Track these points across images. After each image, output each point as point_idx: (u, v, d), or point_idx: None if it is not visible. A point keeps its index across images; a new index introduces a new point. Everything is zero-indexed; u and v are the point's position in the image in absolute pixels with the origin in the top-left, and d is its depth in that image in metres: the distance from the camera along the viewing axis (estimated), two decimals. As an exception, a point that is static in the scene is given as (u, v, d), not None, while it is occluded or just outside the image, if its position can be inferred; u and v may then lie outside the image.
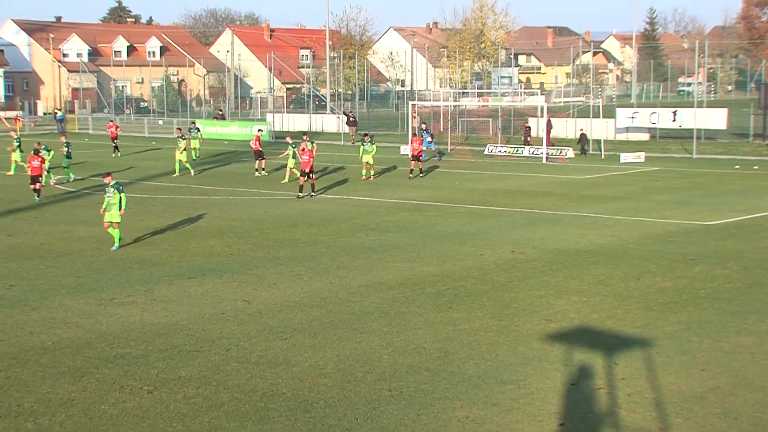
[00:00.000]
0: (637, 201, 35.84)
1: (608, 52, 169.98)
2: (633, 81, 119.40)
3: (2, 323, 18.26)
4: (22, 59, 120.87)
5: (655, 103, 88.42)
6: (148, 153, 60.80)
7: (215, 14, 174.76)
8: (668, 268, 23.18)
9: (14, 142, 45.96)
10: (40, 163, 36.20)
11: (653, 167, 48.88)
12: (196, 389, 14.40)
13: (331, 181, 42.60)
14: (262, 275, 22.58)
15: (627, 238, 27.62)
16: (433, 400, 13.91)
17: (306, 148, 37.90)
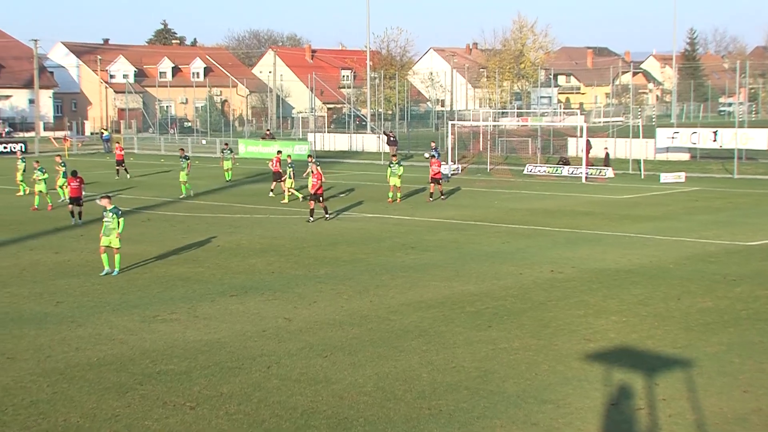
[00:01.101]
0: (678, 221, 35.53)
1: (648, 72, 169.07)
2: (673, 101, 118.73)
3: (50, 339, 18.40)
4: (70, 80, 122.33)
5: (695, 123, 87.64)
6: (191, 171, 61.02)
7: (258, 35, 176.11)
8: (709, 289, 22.93)
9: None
10: (79, 184, 35.22)
11: (693, 187, 48.47)
12: (237, 406, 14.41)
13: (371, 200, 42.59)
14: (302, 293, 22.59)
15: (667, 258, 27.38)
16: (472, 419, 13.82)
17: (314, 171, 36.77)
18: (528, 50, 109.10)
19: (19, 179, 45.16)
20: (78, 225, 34.48)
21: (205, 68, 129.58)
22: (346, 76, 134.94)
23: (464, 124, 77.78)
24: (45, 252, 28.72)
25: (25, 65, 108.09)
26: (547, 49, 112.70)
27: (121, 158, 57.13)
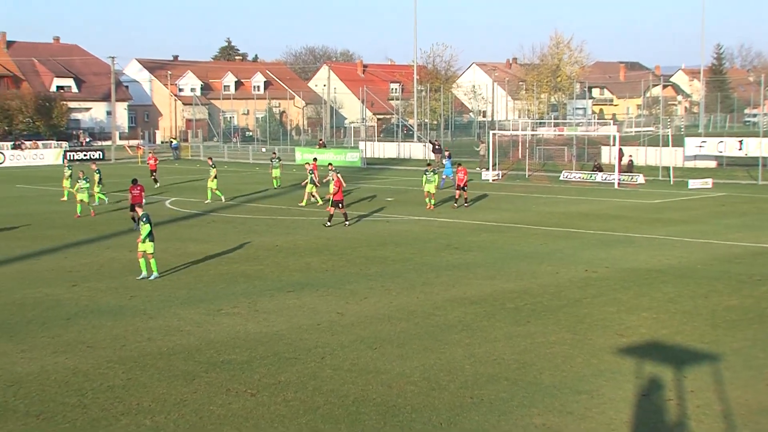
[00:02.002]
0: (705, 224, 35.13)
1: (677, 85, 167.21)
2: (701, 112, 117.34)
3: (125, 330, 18.60)
4: (143, 94, 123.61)
5: (721, 133, 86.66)
6: (251, 177, 61.47)
7: (314, 52, 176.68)
8: (735, 288, 22.66)
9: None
10: (140, 191, 33.62)
11: (720, 193, 47.87)
12: (294, 393, 14.47)
13: (417, 204, 42.54)
14: (354, 290, 22.63)
15: (695, 258, 27.08)
16: (511, 408, 13.77)
17: (334, 178, 35.68)
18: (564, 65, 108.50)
19: (65, 185, 44.87)
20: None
21: (265, 82, 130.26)
22: (394, 89, 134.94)
23: (504, 133, 77.43)
24: (120, 250, 29.01)
25: (103, 80, 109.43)
26: (582, 64, 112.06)
27: (154, 168, 55.05)
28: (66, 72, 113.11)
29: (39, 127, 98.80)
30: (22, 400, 14.24)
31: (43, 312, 20.27)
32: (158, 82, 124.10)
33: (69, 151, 79.86)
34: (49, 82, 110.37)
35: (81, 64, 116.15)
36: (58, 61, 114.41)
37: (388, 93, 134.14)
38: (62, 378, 15.33)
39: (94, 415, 13.54)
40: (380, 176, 60.87)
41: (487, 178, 57.43)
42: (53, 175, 59.59)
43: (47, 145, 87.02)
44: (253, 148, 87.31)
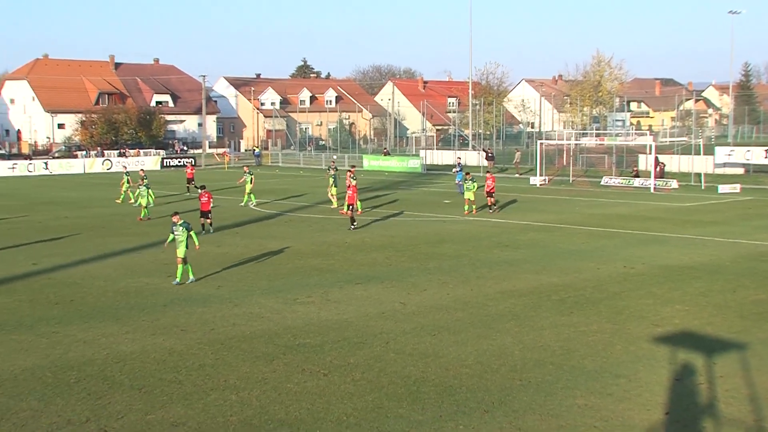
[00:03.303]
0: (733, 226, 34.43)
1: (708, 99, 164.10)
2: (730, 124, 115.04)
3: (213, 316, 18.82)
4: (229, 107, 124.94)
5: (749, 143, 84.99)
6: (324, 181, 61.58)
7: (379, 69, 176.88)
8: (761, 284, 22.18)
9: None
10: (208, 199, 32.28)
11: (747, 197, 46.88)
12: (361, 374, 14.51)
13: (480, 204, 42.35)
14: (415, 282, 22.62)
15: (724, 256, 26.56)
16: (556, 389, 13.66)
17: (350, 184, 34.81)
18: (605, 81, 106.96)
19: (123, 189, 44.71)
20: (209, 233, 31.79)
21: (336, 97, 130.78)
22: (452, 103, 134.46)
23: (550, 142, 76.58)
24: (209, 245, 29.26)
25: (195, 96, 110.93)
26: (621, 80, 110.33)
27: (192, 176, 52.12)
28: (164, 89, 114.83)
29: (141, 137, 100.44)
30: (127, 375, 14.51)
31: (143, 299, 20.61)
32: (243, 97, 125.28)
33: (120, 157, 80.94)
34: (149, 98, 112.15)
35: (177, 82, 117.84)
36: (158, 80, 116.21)
37: (446, 106, 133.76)
38: (160, 357, 15.58)
39: (188, 389, 13.74)
40: (438, 181, 60.71)
41: (535, 182, 56.99)
42: (152, 180, 60.49)
43: (147, 153, 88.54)
44: (326, 155, 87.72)
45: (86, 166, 74.93)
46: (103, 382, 14.11)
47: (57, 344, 16.47)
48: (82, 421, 12.38)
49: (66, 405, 13.05)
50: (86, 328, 17.72)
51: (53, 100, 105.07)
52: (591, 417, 12.49)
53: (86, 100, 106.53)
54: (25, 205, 44.61)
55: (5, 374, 14.58)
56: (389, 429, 12.05)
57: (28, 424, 12.30)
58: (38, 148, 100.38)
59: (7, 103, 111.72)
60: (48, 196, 49.77)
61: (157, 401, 13.19)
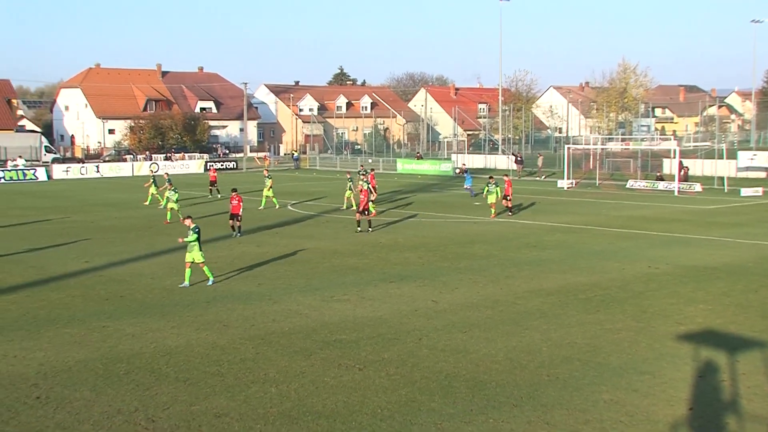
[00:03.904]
0: (755, 227, 33.97)
1: (731, 105, 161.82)
2: (752, 129, 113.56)
3: (254, 312, 18.92)
4: (270, 113, 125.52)
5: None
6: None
7: (413, 77, 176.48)
8: (783, 284, 21.87)
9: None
10: (238, 202, 31.33)
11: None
12: (395, 369, 14.51)
13: (501, 208, 42.19)
14: (446, 281, 22.57)
15: (746, 257, 26.22)
16: (583, 385, 13.57)
17: (362, 188, 33.95)
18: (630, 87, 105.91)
19: (151, 192, 44.57)
20: (237, 237, 31.18)
21: (372, 103, 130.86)
22: (482, 109, 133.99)
23: (577, 147, 75.94)
24: (250, 245, 29.51)
25: (237, 102, 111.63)
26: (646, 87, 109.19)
27: (215, 179, 50.68)
28: (207, 96, 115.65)
29: (186, 141, 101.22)
30: (173, 367, 14.63)
31: (187, 296, 20.77)
32: (282, 103, 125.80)
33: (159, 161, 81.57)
34: (194, 104, 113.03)
35: (220, 89, 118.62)
36: (202, 87, 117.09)
37: (477, 112, 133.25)
38: (203, 351, 15.69)
39: (230, 382, 13.82)
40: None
41: (562, 186, 56.63)
42: (196, 182, 61.12)
43: (192, 157, 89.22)
44: (362, 159, 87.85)
45: (134, 169, 75.68)
46: (151, 374, 14.25)
47: (107, 338, 16.66)
48: (131, 411, 12.51)
49: (116, 395, 13.19)
50: (134, 322, 17.91)
51: (104, 107, 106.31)
52: (616, 412, 12.39)
53: (135, 106, 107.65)
54: (78, 206, 45.17)
55: (60, 365, 14.77)
56: (422, 422, 12.04)
57: (81, 412, 12.46)
58: (90, 152, 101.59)
59: (62, 110, 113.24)
60: (99, 198, 50.34)
61: (201, 393, 13.28)
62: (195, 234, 21.80)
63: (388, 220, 37.13)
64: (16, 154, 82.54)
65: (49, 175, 70.62)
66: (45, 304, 19.84)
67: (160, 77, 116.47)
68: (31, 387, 13.62)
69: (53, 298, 20.53)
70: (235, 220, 31.51)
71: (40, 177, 69.88)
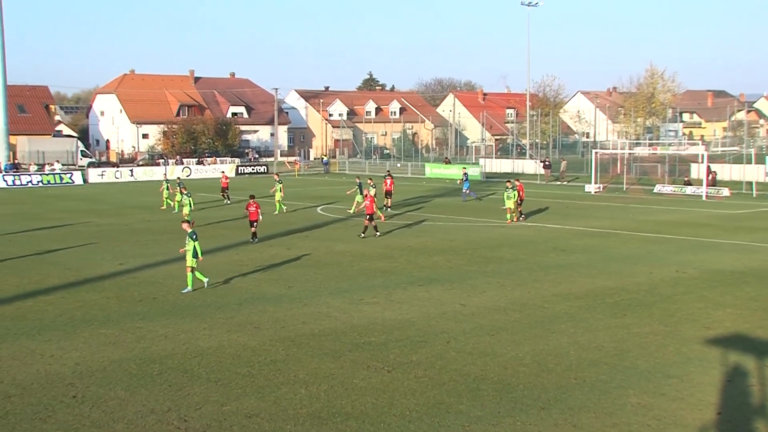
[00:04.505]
0: (785, 232, 33.53)
1: (760, 110, 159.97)
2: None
3: (284, 314, 18.98)
4: (300, 118, 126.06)
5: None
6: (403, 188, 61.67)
7: (441, 82, 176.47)
8: (812, 289, 21.55)
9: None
10: (256, 208, 30.66)
11: (799, 204, 45.63)
12: (423, 371, 14.49)
13: (528, 211, 42.04)
14: (474, 285, 22.51)
15: (775, 262, 25.89)
16: (610, 388, 13.47)
17: (368, 194, 33.59)
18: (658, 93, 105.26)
19: (164, 196, 44.93)
20: (254, 243, 30.48)
21: (400, 108, 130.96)
22: (510, 114, 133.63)
23: (605, 151, 75.57)
24: (280, 248, 29.61)
25: (268, 107, 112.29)
26: (674, 92, 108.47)
27: (226, 186, 49.92)
28: (239, 101, 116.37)
29: (217, 146, 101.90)
30: (205, 368, 14.72)
31: (219, 297, 20.88)
32: (312, 108, 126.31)
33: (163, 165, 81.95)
34: (226, 109, 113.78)
35: (251, 95, 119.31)
36: (233, 92, 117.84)
37: (505, 117, 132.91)
38: (235, 352, 15.77)
39: (260, 383, 13.88)
40: (497, 188, 60.27)
41: (590, 190, 56.27)
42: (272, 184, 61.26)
43: (223, 161, 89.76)
44: (390, 163, 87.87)
45: (167, 173, 76.28)
46: (183, 375, 14.34)
47: (141, 338, 16.81)
48: (164, 410, 12.60)
49: (149, 395, 13.30)
50: (167, 324, 18.04)
51: (138, 112, 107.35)
52: (644, 415, 12.28)
53: (168, 111, 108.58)
54: (113, 209, 45.60)
55: (95, 365, 14.92)
56: (450, 424, 12.01)
57: (115, 411, 12.57)
58: (124, 156, 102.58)
59: (98, 115, 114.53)
60: (133, 201, 50.79)
61: (233, 393, 13.35)
62: (192, 240, 21.65)
63: (414, 224, 37.10)
64: (54, 158, 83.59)
65: (84, 179, 71.41)
66: (81, 305, 20.06)
67: (193, 83, 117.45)
68: (68, 386, 13.77)
69: (89, 299, 20.75)
70: (252, 226, 30.84)
71: (76, 181, 70.67)
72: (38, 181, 68.64)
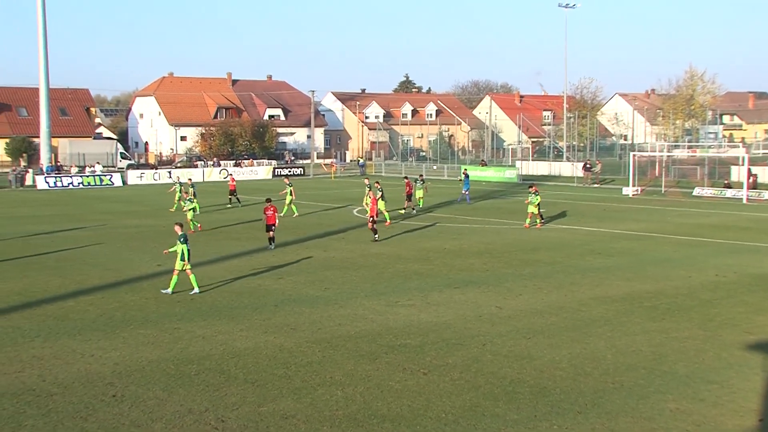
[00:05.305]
0: (828, 236, 32.91)
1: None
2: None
3: (320, 316, 19.05)
4: (336, 120, 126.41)
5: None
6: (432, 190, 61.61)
7: (478, 84, 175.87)
8: None
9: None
10: (273, 212, 29.92)
11: (842, 208, 44.78)
12: (459, 374, 14.46)
13: (566, 215, 41.78)
14: (510, 287, 22.41)
15: (818, 267, 25.42)
16: (649, 393, 13.33)
17: (371, 197, 32.79)
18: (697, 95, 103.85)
19: (176, 199, 44.80)
20: (272, 249, 29.66)
21: (437, 110, 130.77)
22: (546, 116, 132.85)
23: (643, 154, 74.75)
24: (316, 250, 29.71)
25: (305, 110, 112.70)
26: (714, 94, 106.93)
27: (234, 188, 48.57)
28: (276, 103, 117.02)
29: (254, 148, 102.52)
30: (241, 369, 14.82)
31: (256, 299, 21.02)
32: (348, 110, 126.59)
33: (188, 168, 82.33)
34: (263, 111, 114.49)
35: (288, 97, 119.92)
36: (270, 95, 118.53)
37: (541, 119, 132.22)
38: (271, 353, 15.86)
39: (297, 384, 13.94)
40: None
41: (627, 193, 55.76)
42: (263, 188, 61.72)
43: (260, 163, 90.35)
44: (426, 165, 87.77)
45: (205, 175, 77.00)
46: (220, 375, 14.45)
47: (179, 339, 16.97)
48: (201, 411, 12.71)
49: (187, 395, 13.42)
50: (205, 325, 18.19)
51: (177, 115, 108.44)
52: (683, 421, 12.14)
53: (206, 114, 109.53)
54: (151, 210, 46.09)
55: (134, 365, 15.10)
56: (486, 427, 11.97)
57: (154, 411, 12.71)
58: (163, 158, 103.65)
59: (137, 118, 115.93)
60: (171, 203, 51.20)
61: (269, 395, 13.42)
62: (180, 243, 21.52)
63: (453, 227, 37.02)
64: (94, 161, 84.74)
65: (124, 181, 72.29)
66: (120, 305, 20.31)
67: (231, 85, 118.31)
68: (107, 385, 13.95)
69: (128, 299, 21.00)
70: (270, 231, 29.91)
71: (115, 182, 71.57)
72: (79, 183, 69.65)
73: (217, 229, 36.56)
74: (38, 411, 12.72)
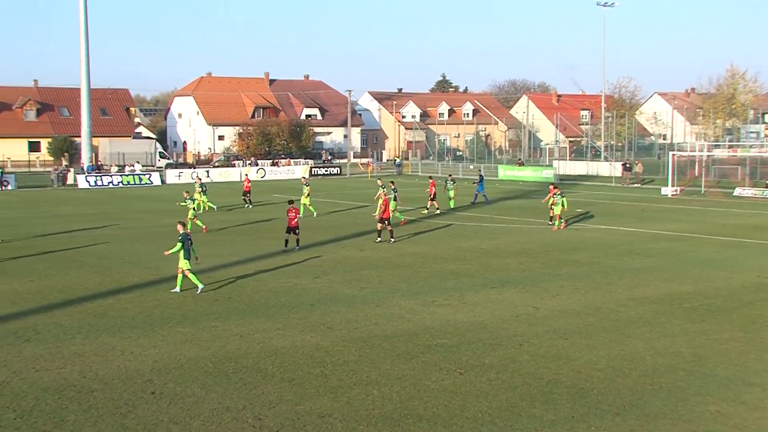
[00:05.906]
0: None
1: None
2: None
3: (356, 315, 19.09)
4: (373, 120, 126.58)
5: None
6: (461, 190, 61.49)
7: (515, 84, 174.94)
8: None
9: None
10: (295, 214, 29.51)
11: None
12: (496, 374, 14.41)
13: (604, 215, 41.41)
14: (547, 288, 22.28)
15: None
16: (688, 396, 13.17)
17: (384, 197, 32.59)
18: (739, 93, 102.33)
19: (202, 200, 44.04)
20: (295, 251, 29.12)
21: (473, 110, 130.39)
22: (584, 116, 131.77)
23: (682, 154, 73.91)
24: (353, 249, 29.79)
25: (341, 110, 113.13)
26: (756, 93, 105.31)
27: (248, 189, 48.44)
28: (313, 103, 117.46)
29: (291, 147, 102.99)
30: (278, 368, 14.91)
31: (292, 298, 21.12)
32: (385, 110, 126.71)
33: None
34: (300, 111, 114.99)
35: (324, 97, 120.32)
36: (307, 95, 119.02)
37: (579, 119, 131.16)
38: (308, 352, 15.92)
39: (333, 383, 13.99)
40: (571, 191, 59.51)
41: (666, 193, 55.14)
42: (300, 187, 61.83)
43: (297, 162, 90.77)
44: (463, 165, 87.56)
45: (242, 175, 77.50)
46: (257, 374, 14.55)
47: (217, 337, 17.11)
48: (239, 409, 12.81)
49: (225, 393, 13.53)
50: (242, 323, 18.32)
51: (214, 114, 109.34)
52: (724, 424, 11.98)
53: (243, 113, 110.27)
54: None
55: (173, 363, 15.26)
56: (523, 428, 11.91)
57: (192, 408, 12.83)
58: (201, 157, 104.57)
59: (176, 117, 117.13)
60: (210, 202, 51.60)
61: (306, 393, 13.48)
62: (180, 243, 21.55)
63: (489, 227, 36.88)
64: (134, 160, 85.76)
65: (162, 180, 73.05)
66: (159, 303, 20.53)
67: (268, 85, 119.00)
68: (146, 382, 14.11)
69: (166, 297, 21.22)
70: (292, 233, 29.42)
71: (154, 182, 72.35)
72: (118, 182, 70.52)
73: (250, 226, 36.79)
74: (79, 407, 12.90)
